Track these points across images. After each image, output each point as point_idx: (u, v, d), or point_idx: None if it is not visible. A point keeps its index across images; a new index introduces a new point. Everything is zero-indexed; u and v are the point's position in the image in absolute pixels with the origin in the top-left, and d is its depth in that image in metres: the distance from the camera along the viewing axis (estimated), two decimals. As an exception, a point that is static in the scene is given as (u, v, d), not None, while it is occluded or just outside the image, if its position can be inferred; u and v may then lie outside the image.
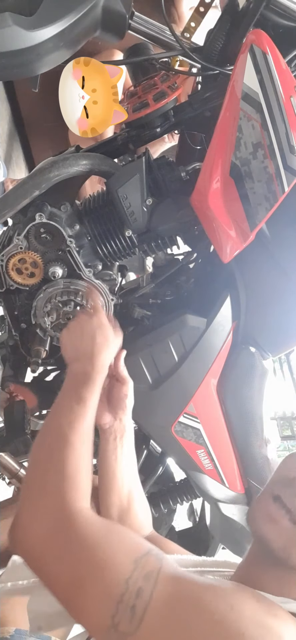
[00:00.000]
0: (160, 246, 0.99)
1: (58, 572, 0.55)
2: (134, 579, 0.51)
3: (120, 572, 0.51)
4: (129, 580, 0.50)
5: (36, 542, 0.57)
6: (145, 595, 0.49)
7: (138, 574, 0.51)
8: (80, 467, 0.62)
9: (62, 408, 0.69)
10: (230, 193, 0.83)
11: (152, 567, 0.52)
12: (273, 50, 0.76)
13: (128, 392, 0.87)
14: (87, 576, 0.52)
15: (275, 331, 1.02)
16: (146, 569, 0.52)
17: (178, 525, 1.52)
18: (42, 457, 0.64)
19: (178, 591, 0.51)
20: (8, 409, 1.11)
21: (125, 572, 0.51)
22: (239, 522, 1.12)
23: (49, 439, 0.66)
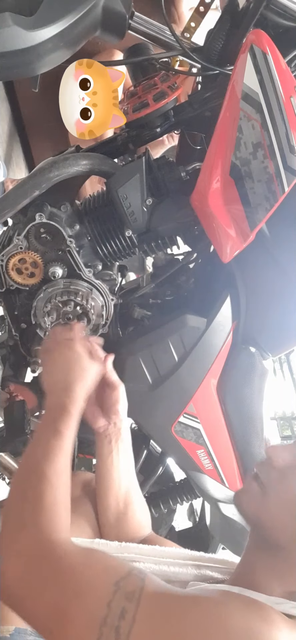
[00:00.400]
0: (160, 246, 0.99)
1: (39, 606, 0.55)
2: (116, 601, 0.50)
3: (102, 596, 0.51)
4: (111, 603, 0.50)
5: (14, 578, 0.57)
6: (129, 616, 0.49)
7: (120, 595, 0.51)
8: (57, 500, 0.62)
9: (39, 442, 0.70)
10: (230, 193, 0.83)
11: (133, 587, 0.52)
12: (273, 50, 0.76)
13: (119, 396, 0.87)
14: (68, 606, 0.52)
15: (275, 331, 1.02)
16: (127, 589, 0.51)
17: (178, 525, 1.52)
18: (20, 492, 0.65)
19: (163, 608, 0.51)
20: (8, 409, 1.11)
21: (107, 595, 0.51)
22: (239, 522, 1.12)
23: (26, 474, 0.67)
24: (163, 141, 1.64)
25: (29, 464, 0.68)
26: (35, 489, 0.63)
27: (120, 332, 1.09)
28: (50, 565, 0.56)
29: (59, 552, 0.57)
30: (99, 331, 1.03)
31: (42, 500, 0.61)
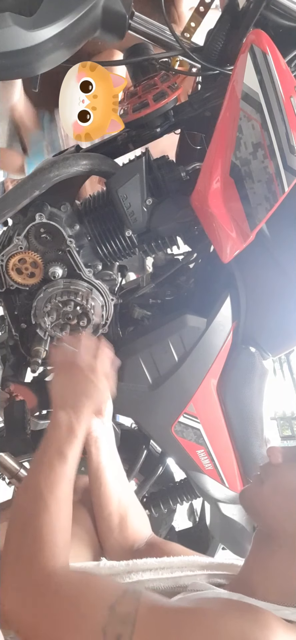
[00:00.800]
0: (160, 246, 0.99)
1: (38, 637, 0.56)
2: (112, 625, 0.51)
3: (97, 622, 0.52)
4: (106, 628, 0.51)
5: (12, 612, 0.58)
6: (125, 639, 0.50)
7: (115, 619, 0.51)
8: (55, 529, 0.63)
9: (43, 464, 0.69)
10: (230, 193, 0.83)
11: (128, 610, 0.52)
12: (273, 50, 0.76)
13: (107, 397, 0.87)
14: (66, 635, 0.53)
15: (275, 331, 1.02)
16: (122, 612, 0.52)
17: (178, 525, 1.52)
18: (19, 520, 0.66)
19: (158, 626, 0.51)
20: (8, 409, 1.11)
21: (101, 621, 0.52)
22: (239, 522, 1.12)
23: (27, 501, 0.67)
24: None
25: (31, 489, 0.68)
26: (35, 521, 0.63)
27: (120, 332, 1.09)
28: (45, 600, 0.57)
29: (53, 586, 0.58)
30: (99, 331, 1.03)
31: (41, 532, 0.62)
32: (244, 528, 1.12)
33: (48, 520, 0.63)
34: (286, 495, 0.64)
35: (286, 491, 0.64)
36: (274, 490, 0.66)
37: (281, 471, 0.67)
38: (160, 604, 0.55)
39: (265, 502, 0.66)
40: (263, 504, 0.66)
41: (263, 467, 0.71)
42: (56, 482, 0.67)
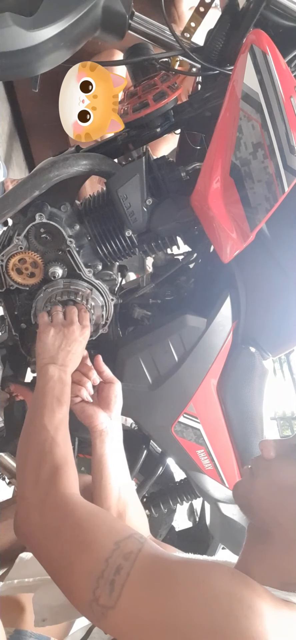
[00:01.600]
0: (160, 246, 0.99)
1: (51, 553, 0.62)
2: (114, 558, 0.55)
3: (102, 552, 0.57)
4: (109, 559, 0.55)
5: (33, 527, 0.64)
6: (124, 572, 0.54)
7: (119, 554, 0.56)
8: (67, 461, 0.70)
9: (45, 410, 0.76)
10: (230, 193, 0.83)
11: (132, 548, 0.56)
12: (273, 50, 0.76)
13: (116, 392, 0.90)
14: (73, 557, 0.58)
15: (275, 331, 1.02)
16: (126, 550, 0.56)
17: (178, 525, 1.52)
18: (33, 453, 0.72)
19: (155, 568, 0.55)
20: (8, 409, 1.11)
21: (106, 552, 0.56)
22: (239, 522, 1.12)
23: (37, 438, 0.74)
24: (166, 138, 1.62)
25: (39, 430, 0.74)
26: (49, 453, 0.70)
27: (120, 332, 1.09)
28: (62, 517, 0.63)
29: (70, 506, 0.63)
30: (99, 331, 1.03)
31: (55, 460, 0.69)
32: (244, 528, 1.11)
33: (58, 452, 0.70)
34: (279, 491, 0.64)
35: (279, 487, 0.64)
36: (267, 486, 0.65)
37: (274, 466, 0.66)
38: (161, 551, 0.58)
39: (258, 498, 0.66)
40: (256, 500, 0.66)
41: (255, 460, 0.70)
42: (60, 423, 0.74)
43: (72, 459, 0.72)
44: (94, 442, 0.86)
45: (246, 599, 0.50)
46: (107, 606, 0.53)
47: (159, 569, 0.55)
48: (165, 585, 0.53)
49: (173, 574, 0.54)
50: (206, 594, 0.51)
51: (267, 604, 0.52)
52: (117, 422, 0.89)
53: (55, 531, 0.62)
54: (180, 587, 0.52)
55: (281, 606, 0.54)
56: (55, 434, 0.72)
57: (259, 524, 0.66)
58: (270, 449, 0.68)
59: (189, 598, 0.51)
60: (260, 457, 0.69)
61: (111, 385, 0.90)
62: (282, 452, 0.67)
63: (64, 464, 0.69)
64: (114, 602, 0.53)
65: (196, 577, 0.54)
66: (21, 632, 0.87)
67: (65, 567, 0.59)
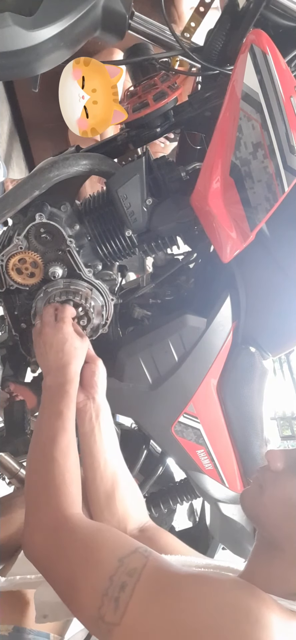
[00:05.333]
0: (160, 246, 0.99)
1: (56, 574, 0.62)
2: (119, 575, 0.55)
3: (106, 570, 0.57)
4: (114, 576, 0.55)
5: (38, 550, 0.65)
6: (128, 589, 0.54)
7: (123, 570, 0.56)
8: (66, 479, 0.69)
9: (43, 425, 0.76)
10: (230, 193, 0.83)
11: (136, 564, 0.56)
12: (273, 50, 0.76)
13: (97, 370, 0.89)
14: (78, 576, 0.58)
15: (275, 331, 1.02)
16: (130, 565, 0.56)
17: (178, 525, 1.52)
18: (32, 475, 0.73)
19: (159, 584, 0.55)
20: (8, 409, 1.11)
21: (111, 569, 0.56)
22: (239, 522, 1.12)
23: (35, 457, 0.74)
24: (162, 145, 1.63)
25: (37, 449, 0.74)
26: (46, 473, 0.70)
27: (120, 332, 1.09)
28: (64, 538, 0.63)
29: (71, 526, 0.64)
30: (99, 331, 1.03)
31: (53, 481, 0.68)
32: (244, 528, 1.12)
33: (57, 470, 0.69)
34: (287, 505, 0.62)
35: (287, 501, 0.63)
36: (275, 501, 0.64)
37: (282, 480, 0.65)
38: (166, 565, 0.58)
39: (266, 511, 0.64)
40: (264, 513, 0.65)
41: (262, 471, 0.69)
42: (58, 436, 0.73)
43: (72, 472, 0.71)
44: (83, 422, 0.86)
45: (253, 613, 0.50)
46: (113, 623, 0.53)
47: (164, 584, 0.55)
48: (171, 601, 0.53)
49: (178, 589, 0.54)
50: (212, 609, 0.51)
51: (275, 614, 0.51)
52: (102, 401, 0.88)
53: (59, 553, 0.62)
54: (185, 603, 0.52)
55: (289, 616, 0.53)
56: (52, 449, 0.71)
57: (267, 535, 0.65)
58: (277, 460, 0.66)
59: (195, 613, 0.51)
60: (266, 468, 0.68)
61: (90, 365, 0.89)
62: (290, 462, 0.66)
63: (62, 483, 0.68)
64: (119, 619, 0.52)
65: (202, 591, 0.53)
66: (20, 629, 0.87)
67: (70, 588, 0.59)
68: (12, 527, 1.03)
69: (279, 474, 0.65)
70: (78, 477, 0.73)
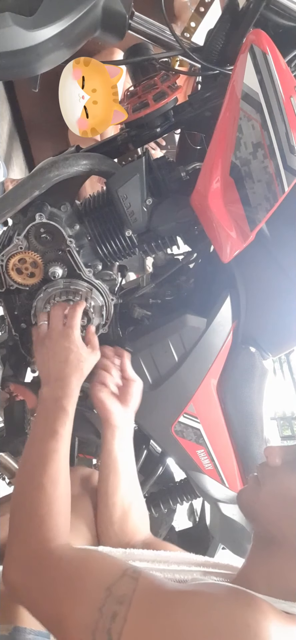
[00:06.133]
0: (160, 246, 0.99)
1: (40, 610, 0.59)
2: (108, 605, 0.52)
3: (94, 602, 0.53)
4: (103, 608, 0.52)
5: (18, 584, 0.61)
6: (119, 618, 0.51)
7: (112, 600, 0.53)
8: (52, 509, 0.65)
9: (34, 443, 0.71)
10: (230, 193, 0.83)
11: (125, 591, 0.54)
12: (273, 50, 0.76)
13: (133, 390, 0.89)
14: (64, 613, 0.55)
15: (275, 331, 1.02)
16: (119, 593, 0.53)
17: (178, 525, 1.52)
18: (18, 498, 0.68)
19: (152, 606, 0.52)
20: (8, 409, 1.11)
21: (99, 601, 0.53)
22: (239, 522, 1.12)
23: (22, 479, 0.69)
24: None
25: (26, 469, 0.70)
26: (31, 501, 0.66)
27: (120, 332, 1.09)
28: (46, 574, 0.59)
29: (54, 561, 0.60)
30: (99, 331, 1.03)
31: (38, 511, 0.64)
32: (244, 528, 1.12)
33: (44, 500, 0.65)
34: (285, 500, 0.61)
35: (285, 496, 0.62)
36: (272, 495, 0.63)
37: (280, 475, 0.64)
38: (157, 584, 0.56)
39: (263, 507, 0.64)
40: (261, 509, 0.64)
41: (260, 467, 0.68)
42: (50, 459, 0.67)
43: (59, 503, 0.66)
44: (106, 435, 0.85)
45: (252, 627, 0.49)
46: None
47: (157, 605, 0.53)
48: (165, 622, 0.51)
49: (172, 608, 0.52)
50: (209, 627, 0.49)
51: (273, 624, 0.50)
52: (130, 419, 0.88)
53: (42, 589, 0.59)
54: (181, 622, 0.50)
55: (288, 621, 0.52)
56: (41, 473, 0.67)
57: (264, 533, 0.64)
58: (276, 455, 0.65)
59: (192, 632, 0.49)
60: (265, 464, 0.67)
61: (132, 382, 0.90)
62: (289, 458, 0.65)
63: (48, 514, 0.64)
64: None
65: (196, 608, 0.51)
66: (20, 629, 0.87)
67: (57, 624, 0.56)
68: None
69: (277, 470, 0.65)
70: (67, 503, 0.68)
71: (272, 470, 0.65)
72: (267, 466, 0.66)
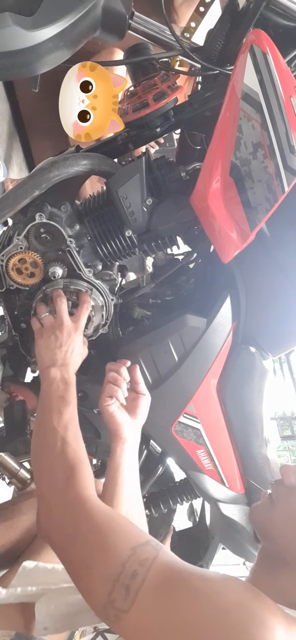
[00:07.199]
0: (160, 246, 0.99)
1: (71, 555, 0.63)
2: (130, 563, 0.56)
3: (119, 556, 0.57)
4: (126, 564, 0.56)
5: (55, 529, 0.66)
6: (139, 578, 0.55)
7: (135, 559, 0.56)
8: (81, 461, 0.71)
9: (52, 412, 0.77)
10: (230, 193, 0.83)
11: (147, 555, 0.57)
12: (273, 50, 0.76)
13: (142, 404, 0.90)
14: (91, 558, 0.59)
15: (275, 331, 1.02)
16: (142, 556, 0.57)
17: (178, 525, 1.52)
18: (46, 457, 0.73)
19: (170, 576, 0.55)
20: (8, 409, 1.11)
21: (123, 556, 0.57)
22: (239, 522, 1.12)
23: (48, 441, 0.74)
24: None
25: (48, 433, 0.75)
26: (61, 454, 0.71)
27: (120, 332, 1.09)
28: (82, 519, 0.63)
29: (89, 508, 0.64)
30: (99, 331, 1.03)
31: (69, 462, 0.70)
32: (244, 528, 1.12)
33: (71, 452, 0.71)
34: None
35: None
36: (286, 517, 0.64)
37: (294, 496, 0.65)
38: (176, 561, 0.59)
39: (276, 527, 0.65)
40: (274, 528, 0.65)
41: (275, 485, 0.69)
42: (68, 422, 0.75)
43: (85, 457, 0.73)
44: (115, 448, 0.86)
45: (258, 614, 0.50)
46: (122, 610, 0.53)
47: (173, 577, 0.55)
48: (178, 594, 0.53)
49: (186, 583, 0.54)
50: (219, 606, 0.51)
51: (279, 620, 0.51)
52: (138, 432, 0.90)
53: (75, 533, 0.63)
54: (192, 597, 0.53)
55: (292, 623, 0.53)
56: (65, 434, 0.73)
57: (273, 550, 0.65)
58: (291, 475, 0.67)
59: (201, 609, 0.51)
60: (280, 482, 0.68)
61: (142, 396, 0.91)
62: None
63: (78, 463, 0.70)
64: (128, 607, 0.53)
65: (210, 588, 0.53)
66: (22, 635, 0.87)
67: (83, 569, 0.59)
68: (14, 533, 1.03)
69: (292, 490, 0.65)
70: (88, 460, 0.73)
71: (287, 490, 0.66)
72: (282, 485, 0.67)
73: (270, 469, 1.06)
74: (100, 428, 1.11)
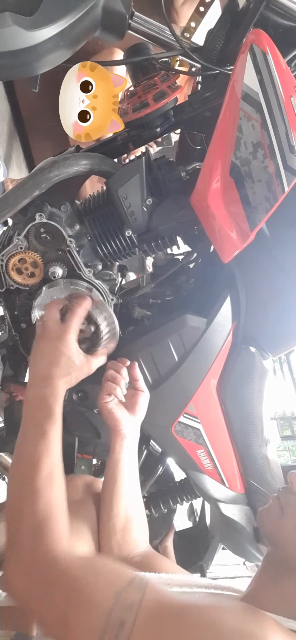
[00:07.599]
0: (160, 246, 0.99)
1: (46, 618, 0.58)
2: (116, 611, 0.52)
3: (102, 607, 0.52)
4: (111, 614, 0.52)
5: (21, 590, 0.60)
6: (127, 626, 0.50)
7: (120, 606, 0.52)
8: (51, 511, 0.63)
9: (24, 448, 0.69)
10: (230, 193, 0.83)
11: (133, 598, 0.53)
12: (273, 50, 0.76)
13: (141, 400, 0.90)
14: (71, 616, 0.54)
15: (275, 331, 1.02)
16: (127, 600, 0.53)
17: (178, 525, 1.52)
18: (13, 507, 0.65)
19: (160, 616, 0.52)
20: (8, 409, 1.11)
21: (107, 606, 0.52)
22: (239, 522, 1.12)
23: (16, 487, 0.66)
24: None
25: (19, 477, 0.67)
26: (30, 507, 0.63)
27: (120, 332, 1.09)
28: (53, 580, 0.58)
29: (60, 566, 0.59)
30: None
31: (38, 516, 0.62)
32: (244, 528, 1.12)
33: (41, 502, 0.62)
34: None
35: None
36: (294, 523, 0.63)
37: None
38: (165, 595, 0.56)
39: (285, 535, 0.64)
40: (283, 535, 0.64)
41: (283, 492, 0.68)
42: (42, 461, 0.65)
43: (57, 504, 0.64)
44: (114, 444, 0.85)
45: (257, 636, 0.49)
46: None
47: (164, 616, 0.52)
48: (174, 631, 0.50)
49: (179, 620, 0.51)
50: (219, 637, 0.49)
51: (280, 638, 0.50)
52: (137, 428, 0.89)
53: (48, 596, 0.57)
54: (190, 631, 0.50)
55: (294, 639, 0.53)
56: (35, 477, 0.64)
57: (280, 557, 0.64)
58: None
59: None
60: (288, 489, 0.67)
61: (141, 392, 0.91)
62: None
63: (47, 518, 0.62)
64: None
65: (204, 620, 0.51)
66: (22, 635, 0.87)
67: (62, 629, 0.55)
68: None
69: None
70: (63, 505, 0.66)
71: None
72: (291, 493, 0.66)
73: (270, 469, 1.06)
74: (100, 428, 1.11)
